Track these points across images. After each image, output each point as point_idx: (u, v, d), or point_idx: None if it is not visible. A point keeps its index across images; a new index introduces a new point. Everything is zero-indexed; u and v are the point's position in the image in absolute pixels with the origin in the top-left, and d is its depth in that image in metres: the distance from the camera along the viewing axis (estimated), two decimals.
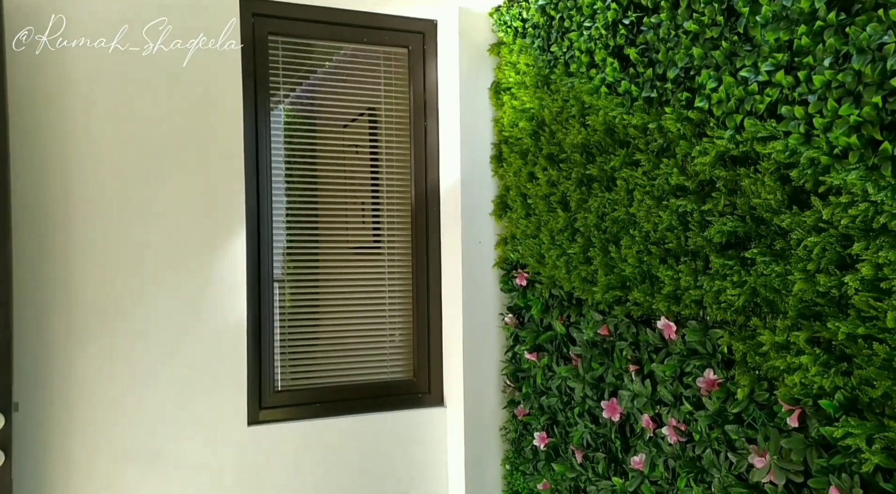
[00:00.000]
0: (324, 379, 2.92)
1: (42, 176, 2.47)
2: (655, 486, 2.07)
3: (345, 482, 2.87)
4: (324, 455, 2.83)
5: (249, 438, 2.71)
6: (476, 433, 2.86)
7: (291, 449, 2.78)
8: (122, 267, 2.56)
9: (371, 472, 2.91)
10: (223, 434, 2.68)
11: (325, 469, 2.83)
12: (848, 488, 1.43)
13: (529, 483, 2.72)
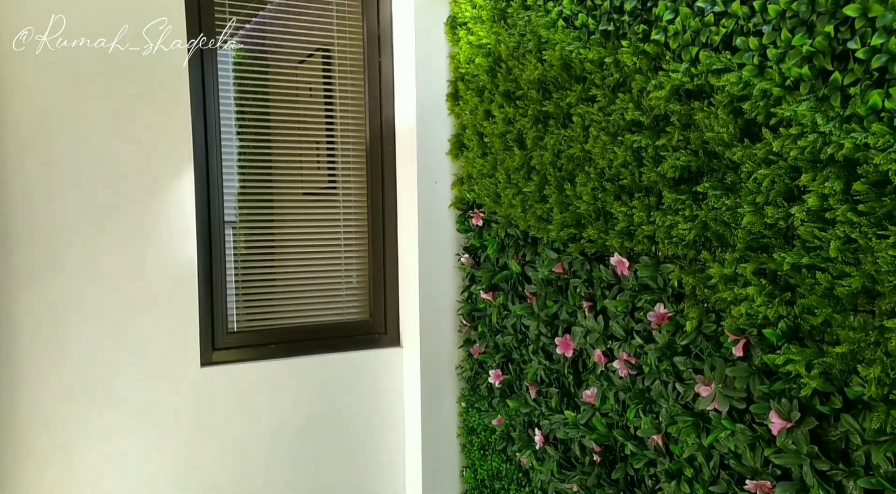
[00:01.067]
0: (279, 321, 2.89)
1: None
2: (606, 418, 2.13)
3: (301, 423, 2.88)
4: (280, 396, 2.83)
5: (203, 379, 2.69)
6: (432, 372, 2.89)
7: (246, 391, 2.78)
8: (66, 205, 2.47)
9: (328, 413, 2.93)
10: (176, 375, 2.65)
11: (281, 410, 2.84)
12: (787, 411, 1.49)
13: (484, 420, 2.77)
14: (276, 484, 2.86)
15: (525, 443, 2.52)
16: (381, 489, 3.05)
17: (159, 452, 2.66)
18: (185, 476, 2.71)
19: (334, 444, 2.94)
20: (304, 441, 2.89)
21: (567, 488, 2.29)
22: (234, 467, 2.78)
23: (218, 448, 2.74)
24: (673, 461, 1.87)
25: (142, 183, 2.56)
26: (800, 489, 1.49)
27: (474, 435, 2.86)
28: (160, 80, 2.57)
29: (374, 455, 3.02)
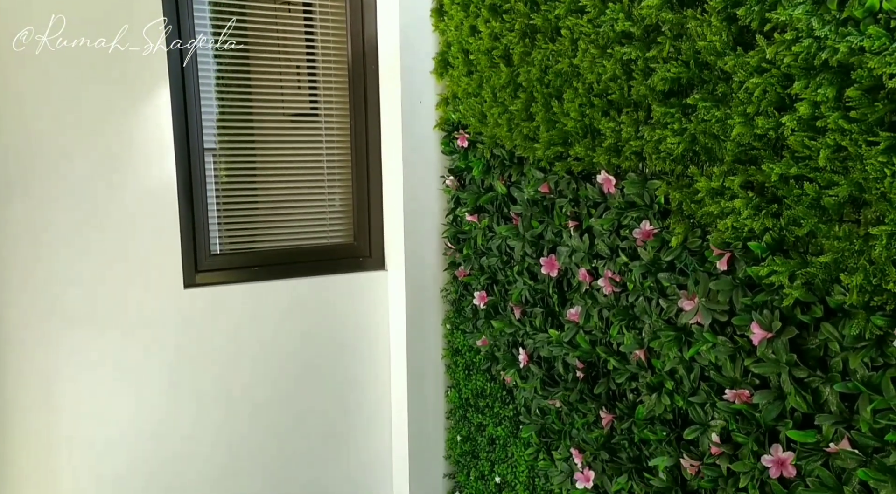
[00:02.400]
0: (262, 243, 2.87)
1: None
2: (589, 335, 2.16)
3: (285, 345, 2.90)
4: (264, 318, 2.84)
5: (186, 301, 2.69)
6: (417, 295, 2.91)
7: (230, 313, 2.78)
8: (39, 128, 2.40)
9: (312, 335, 2.95)
10: (159, 296, 2.65)
11: (265, 332, 2.86)
12: (768, 322, 1.51)
13: (469, 341, 2.81)
14: (262, 405, 2.91)
15: (509, 362, 2.56)
16: (366, 409, 3.11)
17: (144, 373, 2.68)
18: (169, 397, 2.74)
19: (319, 366, 2.98)
20: (289, 363, 2.92)
21: (550, 404, 2.35)
22: (219, 387, 2.82)
23: (203, 369, 2.77)
24: (654, 374, 1.91)
25: (117, 107, 2.48)
26: (777, 396, 1.53)
27: (459, 356, 2.90)
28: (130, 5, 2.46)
29: (360, 376, 3.07)
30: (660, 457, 1.88)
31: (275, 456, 2.98)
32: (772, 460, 1.53)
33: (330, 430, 3.07)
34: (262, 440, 2.94)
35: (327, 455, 3.08)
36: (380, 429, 3.15)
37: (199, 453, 2.84)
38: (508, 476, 2.65)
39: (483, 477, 2.83)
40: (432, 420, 3.03)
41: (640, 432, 1.97)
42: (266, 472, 2.98)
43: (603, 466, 2.12)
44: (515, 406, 2.59)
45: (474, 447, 2.88)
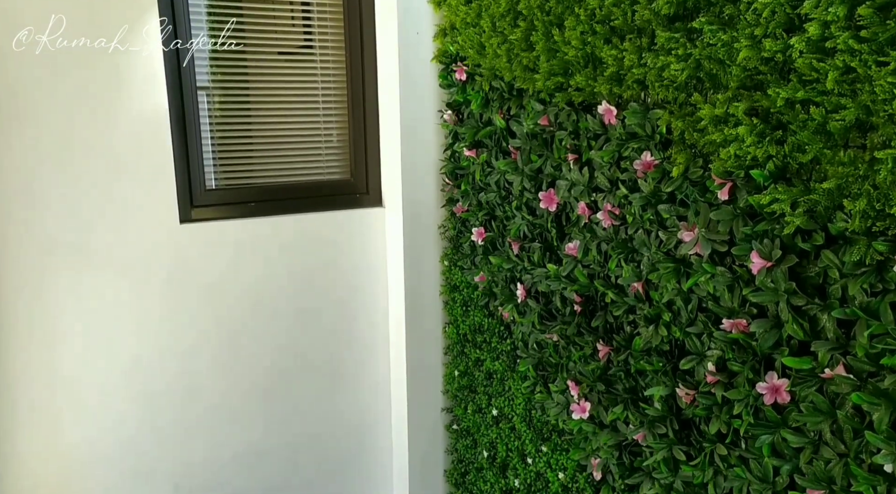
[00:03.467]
0: (258, 179, 2.84)
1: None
2: (588, 269, 2.16)
3: (283, 281, 2.91)
4: (261, 254, 2.84)
5: (183, 236, 2.67)
6: (414, 232, 2.90)
7: (228, 248, 2.77)
8: (31, 65, 2.33)
9: (308, 272, 2.95)
10: (155, 231, 2.63)
11: (263, 268, 2.85)
12: (768, 251, 1.50)
13: (467, 277, 2.81)
14: (260, 339, 2.93)
15: (507, 298, 2.57)
16: (364, 346, 3.14)
17: (142, 308, 2.69)
18: (168, 332, 2.75)
19: (317, 302, 2.99)
20: (288, 299, 2.93)
21: (547, 338, 2.36)
22: (218, 323, 2.83)
23: (201, 304, 2.78)
24: (652, 306, 1.92)
25: (104, 31, 2.42)
26: (774, 325, 1.54)
27: (457, 293, 2.91)
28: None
29: (357, 313, 3.09)
30: (655, 387, 1.90)
31: (273, 391, 3.02)
32: (766, 387, 1.55)
33: (328, 367, 3.10)
34: (260, 375, 2.98)
35: (326, 392, 3.13)
36: (378, 366, 3.19)
37: (199, 389, 2.88)
38: (506, 409, 2.69)
39: (480, 411, 2.88)
40: (430, 356, 3.06)
41: (636, 363, 1.99)
42: (265, 407, 3.02)
43: (599, 397, 2.15)
44: (513, 340, 2.61)
45: (472, 381, 2.92)
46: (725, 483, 1.73)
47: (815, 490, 1.47)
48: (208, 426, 2.93)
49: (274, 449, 3.07)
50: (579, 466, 2.33)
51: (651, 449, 1.95)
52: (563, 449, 2.40)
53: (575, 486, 2.36)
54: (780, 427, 1.55)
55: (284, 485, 3.11)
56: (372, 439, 3.25)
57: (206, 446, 2.93)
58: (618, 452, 2.11)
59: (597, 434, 2.16)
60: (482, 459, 2.90)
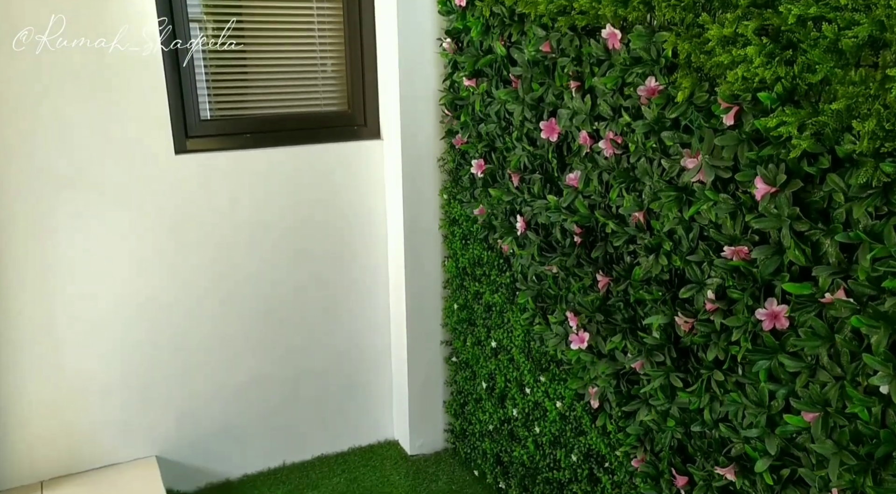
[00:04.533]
0: (253, 110, 2.79)
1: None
2: (588, 199, 2.14)
3: (278, 214, 2.88)
4: (257, 186, 2.80)
5: (178, 167, 2.64)
6: (413, 165, 2.86)
7: (224, 180, 2.74)
8: None
9: (307, 205, 2.93)
10: (150, 161, 2.60)
11: (259, 200, 2.82)
12: (772, 176, 1.48)
13: (466, 210, 2.79)
14: (258, 273, 2.92)
15: (506, 230, 2.56)
16: (363, 280, 3.14)
17: (138, 238, 2.67)
18: (164, 264, 2.74)
19: (315, 235, 2.97)
20: (284, 232, 2.90)
21: (546, 270, 2.36)
22: (215, 254, 2.82)
23: (199, 236, 2.76)
24: (653, 236, 1.90)
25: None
26: (776, 251, 1.53)
27: (456, 226, 2.90)
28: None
29: (356, 247, 3.07)
30: (654, 316, 1.91)
31: (272, 324, 3.04)
32: (765, 313, 1.55)
33: (326, 301, 3.11)
34: (259, 307, 2.99)
35: (324, 326, 3.15)
36: (377, 300, 3.20)
37: (198, 320, 2.90)
38: (504, 341, 2.72)
39: (479, 343, 2.91)
40: (429, 290, 3.07)
41: (635, 293, 1.99)
42: (264, 339, 3.05)
43: (598, 327, 2.16)
44: (512, 273, 2.61)
45: (471, 314, 2.93)
46: (721, 408, 1.76)
47: (809, 412, 1.49)
48: (208, 357, 2.96)
49: (275, 383, 3.11)
50: (577, 395, 2.37)
51: (648, 377, 1.97)
52: (561, 379, 2.43)
53: (572, 414, 2.40)
54: (778, 352, 1.56)
55: (285, 417, 3.16)
56: (372, 372, 3.29)
57: (206, 377, 2.96)
58: (615, 380, 2.13)
59: (595, 364, 2.18)
60: (481, 390, 2.94)
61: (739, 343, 1.65)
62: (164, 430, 2.95)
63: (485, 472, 3.01)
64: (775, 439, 1.59)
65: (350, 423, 3.30)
